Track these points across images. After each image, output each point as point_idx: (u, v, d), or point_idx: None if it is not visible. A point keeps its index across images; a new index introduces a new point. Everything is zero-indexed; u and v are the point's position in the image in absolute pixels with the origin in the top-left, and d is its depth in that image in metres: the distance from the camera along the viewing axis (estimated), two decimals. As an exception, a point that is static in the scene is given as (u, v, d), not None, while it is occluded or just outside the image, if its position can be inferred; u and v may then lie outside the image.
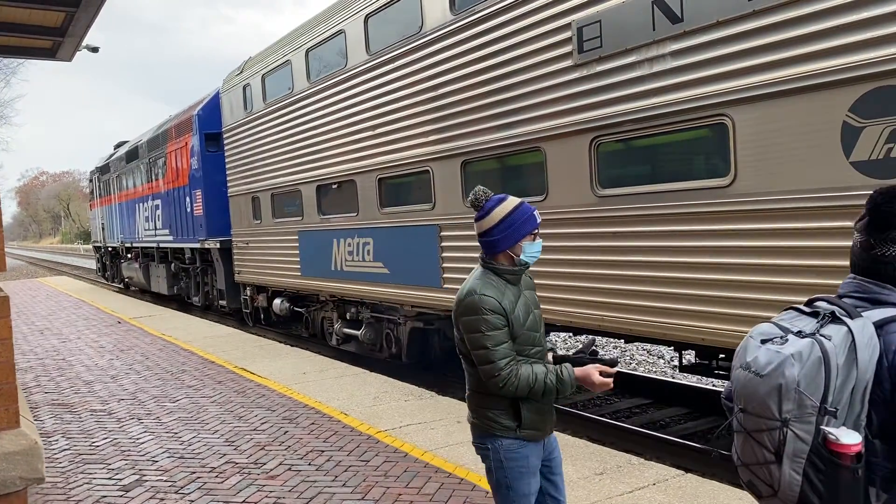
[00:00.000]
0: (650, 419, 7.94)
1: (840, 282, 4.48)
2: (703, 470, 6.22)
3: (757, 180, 4.86)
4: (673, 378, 9.58)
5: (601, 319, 6.24)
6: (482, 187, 2.98)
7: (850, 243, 4.33)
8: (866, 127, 4.28)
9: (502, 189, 7.29)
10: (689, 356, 6.90)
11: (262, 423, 6.84)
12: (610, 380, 2.88)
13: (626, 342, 10.06)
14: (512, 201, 2.90)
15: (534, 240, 2.93)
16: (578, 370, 2.87)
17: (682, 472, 5.20)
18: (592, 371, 2.87)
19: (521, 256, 2.91)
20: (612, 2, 5.76)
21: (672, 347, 8.03)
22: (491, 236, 2.90)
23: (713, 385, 9.00)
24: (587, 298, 6.33)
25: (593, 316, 6.31)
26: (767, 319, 5.03)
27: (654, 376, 9.60)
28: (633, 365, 11.13)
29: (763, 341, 1.96)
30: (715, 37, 5.02)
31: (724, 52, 4.99)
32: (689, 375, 8.58)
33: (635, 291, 5.85)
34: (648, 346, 11.75)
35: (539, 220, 2.91)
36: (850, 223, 4.36)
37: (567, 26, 6.19)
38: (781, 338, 1.91)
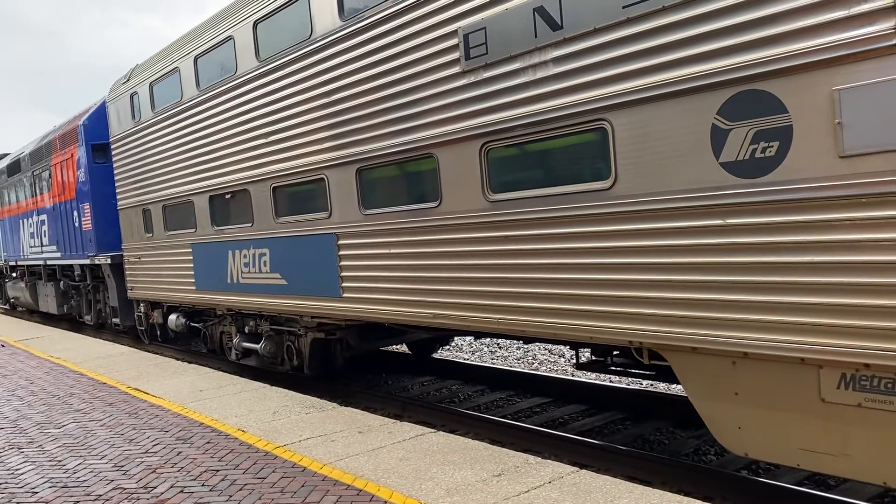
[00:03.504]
0: (550, 417, 8.10)
1: (718, 278, 4.66)
2: (598, 465, 6.39)
3: (635, 182, 5.03)
4: (572, 376, 9.81)
5: (497, 322, 6.31)
6: None
7: (722, 241, 4.55)
8: (733, 129, 4.50)
9: (398, 196, 7.33)
10: (587, 353, 7.08)
11: (154, 445, 6.58)
12: None
13: (525, 342, 10.24)
14: None
15: None
16: None
17: (578, 468, 5.32)
18: None
19: None
20: (496, 9, 5.84)
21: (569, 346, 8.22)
22: None
23: (610, 381, 9.27)
24: (483, 302, 6.38)
25: (489, 319, 6.37)
26: (650, 317, 5.22)
27: (553, 375, 9.80)
28: (536, 365, 11.33)
29: None
30: (593, 43, 5.17)
31: (601, 59, 5.14)
32: (587, 372, 8.80)
33: (528, 293, 5.95)
34: (549, 345, 11.99)
35: None
36: (720, 221, 4.59)
37: (454, 33, 6.24)
38: None
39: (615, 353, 6.56)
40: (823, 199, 4.13)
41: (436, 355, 11.71)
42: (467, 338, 13.09)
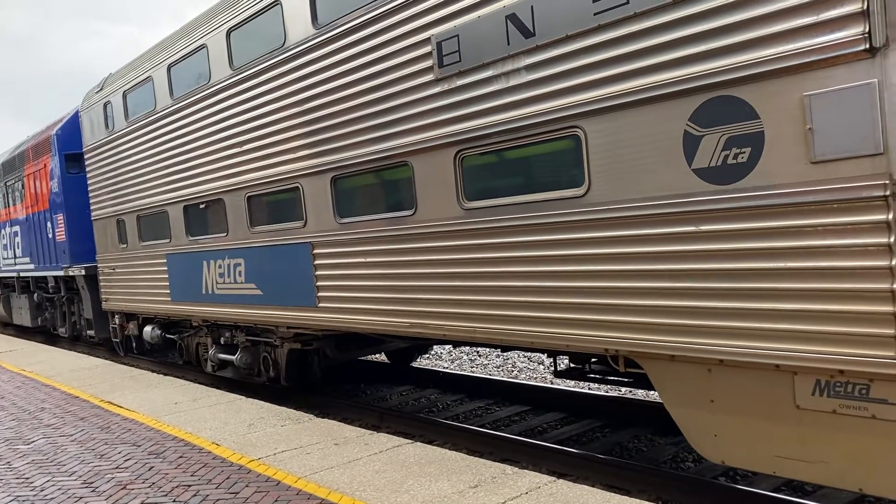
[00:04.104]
0: (528, 426, 8.04)
1: (693, 284, 4.64)
2: (577, 474, 6.35)
3: (609, 189, 5.01)
4: (551, 384, 9.77)
5: (473, 331, 6.25)
6: None
7: (695, 247, 4.53)
8: (705, 135, 4.49)
9: (373, 204, 7.26)
10: (565, 361, 7.04)
11: (126, 460, 6.45)
12: None
13: (504, 350, 10.19)
14: None
15: None
16: None
17: (555, 478, 5.27)
18: None
19: None
20: (469, 16, 5.81)
21: (547, 354, 8.18)
22: None
23: (588, 389, 9.24)
24: (459, 311, 6.33)
25: (466, 327, 6.31)
26: (625, 325, 5.19)
27: (532, 383, 9.75)
28: (515, 372, 11.29)
29: None
30: (565, 50, 5.15)
31: (574, 66, 5.11)
32: (566, 380, 8.78)
33: (504, 302, 5.90)
34: (528, 352, 11.95)
35: None
36: (694, 228, 4.57)
37: (427, 41, 6.20)
38: None
39: (593, 360, 6.53)
40: (796, 205, 4.12)
41: (415, 364, 11.64)
42: (446, 346, 13.02)
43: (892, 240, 3.80)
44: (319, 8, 7.42)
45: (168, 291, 10.90)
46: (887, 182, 3.78)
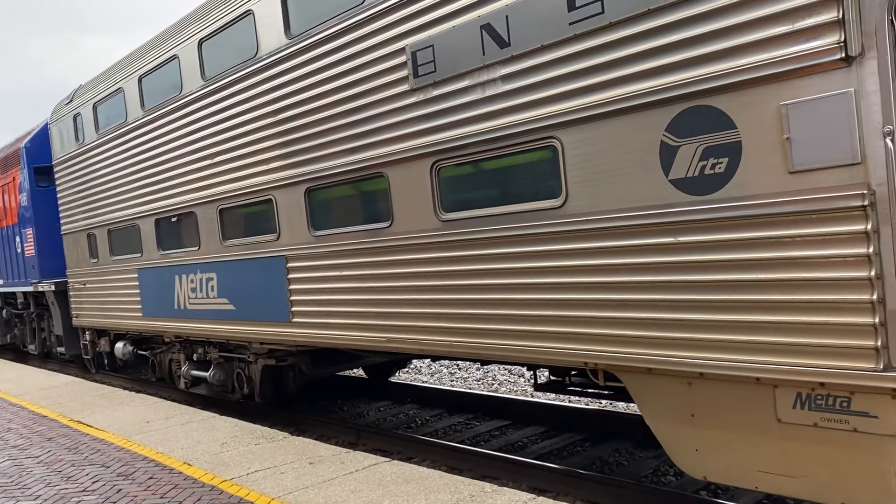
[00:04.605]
0: (508, 441, 7.93)
1: (671, 296, 4.56)
2: (557, 490, 6.25)
3: (586, 200, 4.94)
4: (531, 397, 9.67)
5: (451, 345, 6.14)
6: None
7: (674, 259, 4.47)
8: (682, 146, 4.44)
9: (348, 216, 7.14)
10: (545, 374, 6.95)
11: (94, 483, 6.25)
12: None
13: (483, 363, 10.10)
14: None
15: None
16: None
17: (535, 495, 5.16)
18: None
19: None
20: (444, 26, 5.74)
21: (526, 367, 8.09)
22: None
23: (569, 402, 9.15)
24: (436, 324, 6.22)
25: (443, 342, 6.20)
26: (604, 337, 5.10)
27: (512, 396, 9.65)
28: (495, 385, 11.18)
29: None
30: (540, 61, 5.08)
31: (550, 76, 5.05)
32: (547, 393, 8.68)
33: (481, 315, 5.80)
34: (508, 365, 11.85)
35: None
36: (671, 239, 4.51)
37: (401, 51, 6.12)
38: None
39: (573, 373, 6.45)
40: (774, 216, 4.08)
41: (393, 379, 11.49)
42: (426, 360, 12.88)
43: (871, 250, 3.76)
44: (292, 18, 7.32)
45: (140, 307, 10.68)
46: (865, 192, 3.75)
